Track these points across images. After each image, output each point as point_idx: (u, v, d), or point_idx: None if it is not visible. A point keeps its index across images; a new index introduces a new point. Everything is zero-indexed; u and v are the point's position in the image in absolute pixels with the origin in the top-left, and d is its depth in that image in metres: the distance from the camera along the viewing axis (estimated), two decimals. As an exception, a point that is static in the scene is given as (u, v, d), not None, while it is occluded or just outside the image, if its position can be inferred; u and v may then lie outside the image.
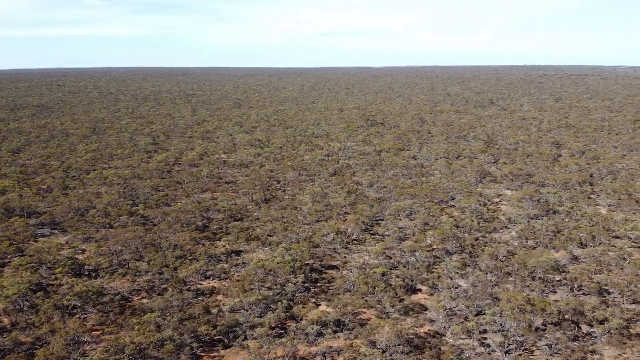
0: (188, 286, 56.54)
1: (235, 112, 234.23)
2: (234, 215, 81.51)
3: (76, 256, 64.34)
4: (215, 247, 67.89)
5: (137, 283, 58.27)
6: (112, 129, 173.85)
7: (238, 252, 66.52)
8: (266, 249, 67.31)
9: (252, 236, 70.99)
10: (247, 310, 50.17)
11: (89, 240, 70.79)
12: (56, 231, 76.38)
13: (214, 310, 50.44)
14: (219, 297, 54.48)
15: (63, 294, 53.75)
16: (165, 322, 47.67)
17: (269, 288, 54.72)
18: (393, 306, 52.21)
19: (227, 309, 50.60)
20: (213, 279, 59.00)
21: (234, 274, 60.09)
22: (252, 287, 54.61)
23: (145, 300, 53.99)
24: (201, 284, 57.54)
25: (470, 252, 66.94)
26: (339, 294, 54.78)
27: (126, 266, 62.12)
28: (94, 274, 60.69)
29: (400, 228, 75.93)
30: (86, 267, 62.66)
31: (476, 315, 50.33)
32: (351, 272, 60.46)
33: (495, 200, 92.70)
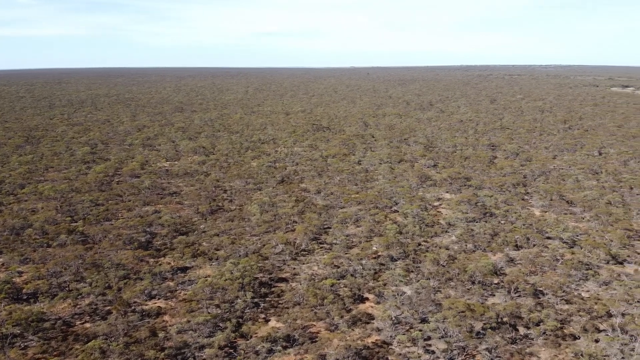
0: (133, 308, 55.20)
1: (178, 116, 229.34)
2: (179, 229, 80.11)
3: (13, 280, 61.27)
4: (160, 264, 66.55)
5: (79, 307, 56.26)
6: (47, 137, 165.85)
7: (184, 269, 65.53)
8: (213, 264, 66.71)
9: (198, 251, 70.10)
10: (196, 331, 49.68)
11: (26, 262, 67.54)
12: (-12, 253, 72.30)
13: (161, 333, 49.57)
14: (166, 318, 53.55)
15: (1, 321, 51.12)
16: (111, 347, 46.42)
17: (217, 306, 54.38)
18: (342, 317, 53.25)
19: (175, 330, 49.85)
20: (159, 299, 57.87)
21: (180, 293, 59.14)
22: (200, 306, 54.10)
23: (88, 325, 52.29)
24: (147, 305, 56.31)
25: (413, 258, 69.28)
26: (288, 308, 55.29)
27: (67, 289, 59.83)
28: (32, 299, 58.04)
29: (347, 236, 77.34)
30: (24, 291, 59.74)
31: (421, 323, 52.27)
32: (300, 284, 61.10)
33: (436, 204, 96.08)
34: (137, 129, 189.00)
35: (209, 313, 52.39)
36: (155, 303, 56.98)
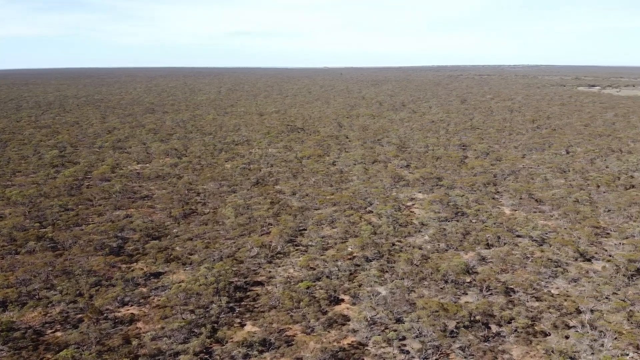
0: (105, 315, 54.18)
1: (149, 118, 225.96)
2: (151, 233, 78.93)
3: (-22, 289, 59.39)
4: (133, 270, 65.44)
5: (49, 315, 54.92)
6: (14, 140, 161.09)
7: (157, 275, 64.61)
8: (187, 269, 66.00)
9: (171, 256, 69.22)
10: (170, 338, 49.09)
11: (-8, 270, 65.52)
12: (-48, 262, 69.87)
13: (135, 341, 48.79)
14: (139, 324, 52.72)
15: (-33, 333, 49.54)
16: (83, 356, 45.48)
17: (192, 311, 53.84)
18: (317, 319, 53.39)
19: (149, 337, 49.14)
20: (132, 306, 56.94)
21: (154, 299, 58.29)
22: (174, 312, 53.45)
23: (59, 334, 51.09)
24: (119, 312, 55.34)
25: (387, 258, 69.93)
26: (264, 312, 55.13)
27: (37, 297, 58.33)
28: (1, 308, 56.34)
29: (323, 237, 77.56)
30: (-9, 300, 58.01)
31: (395, 323, 52.81)
32: (276, 287, 61.00)
33: (409, 204, 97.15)
34: (107, 131, 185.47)
35: (183, 319, 51.85)
36: (128, 310, 56.06)
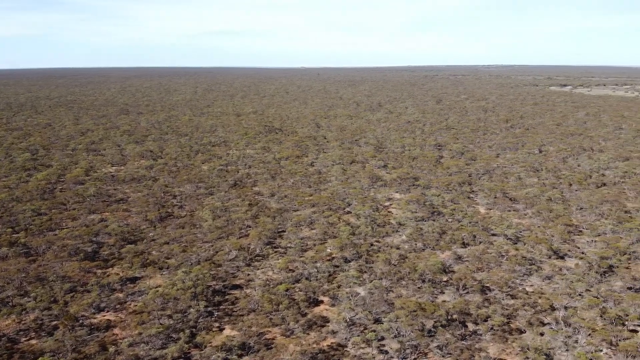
0: (81, 322, 53.21)
1: (123, 119, 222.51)
2: (127, 238, 77.76)
3: (-53, 298, 57.74)
4: (108, 275, 64.43)
5: (24, 322, 53.70)
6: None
7: (134, 279, 63.75)
8: (164, 273, 65.28)
9: (148, 260, 68.37)
10: (148, 344, 48.51)
11: (-39, 278, 63.70)
12: None
13: (112, 347, 48.07)
14: (116, 331, 51.96)
15: None
16: (57, 365, 44.66)
17: (170, 316, 53.28)
18: (297, 322, 53.44)
19: (126, 344, 48.44)
20: (108, 312, 56.06)
21: (130, 304, 57.50)
22: (151, 317, 52.83)
23: (34, 341, 50.04)
24: (95, 319, 54.42)
25: (366, 258, 70.37)
26: (243, 316, 54.92)
27: (10, 304, 56.91)
28: (-30, 317, 54.89)
29: (302, 239, 77.61)
30: (-38, 309, 56.44)
31: (374, 323, 53.20)
32: (255, 290, 60.80)
33: (387, 204, 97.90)
34: (80, 133, 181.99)
35: (161, 324, 51.29)
36: (105, 316, 55.19)
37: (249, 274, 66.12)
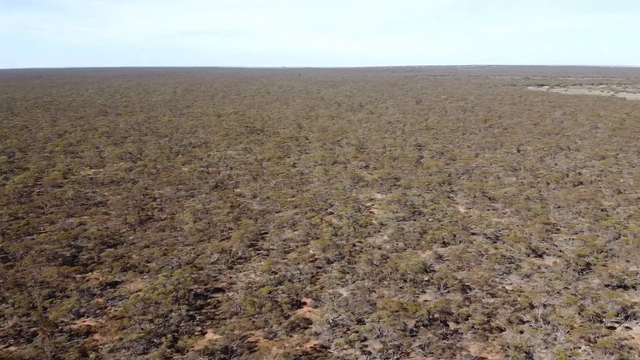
0: (60, 328, 52.33)
1: (102, 120, 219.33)
2: (107, 241, 76.63)
3: None
4: (88, 280, 63.45)
5: (2, 329, 52.50)
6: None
7: (114, 284, 62.88)
8: (145, 277, 64.52)
9: (128, 264, 67.48)
10: (129, 349, 47.91)
11: None
12: None
13: (92, 354, 47.32)
14: (96, 337, 51.18)
15: None
16: (36, 373, 43.87)
17: (151, 321, 52.70)
18: (280, 324, 53.39)
19: (107, 350, 47.81)
20: (88, 317, 55.20)
21: (111, 310, 56.68)
22: (132, 322, 52.17)
23: (13, 349, 49.00)
24: (75, 324, 53.55)
25: (348, 259, 70.60)
26: (225, 319, 54.64)
27: (-16, 312, 55.72)
28: (-57, 326, 53.57)
29: (284, 241, 77.50)
30: None
31: (357, 324, 53.44)
32: (237, 293, 60.55)
33: (368, 204, 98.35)
34: (57, 134, 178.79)
35: (142, 329, 50.72)
36: (84, 322, 54.36)
37: (231, 277, 65.80)
